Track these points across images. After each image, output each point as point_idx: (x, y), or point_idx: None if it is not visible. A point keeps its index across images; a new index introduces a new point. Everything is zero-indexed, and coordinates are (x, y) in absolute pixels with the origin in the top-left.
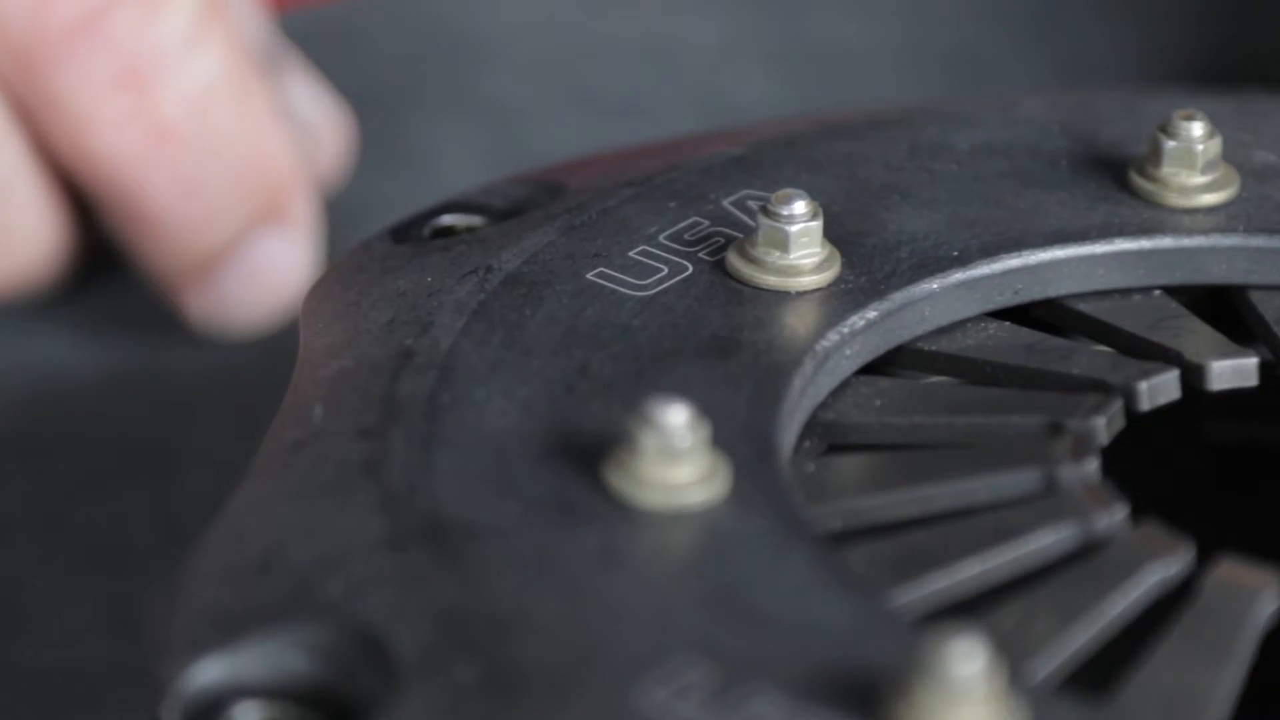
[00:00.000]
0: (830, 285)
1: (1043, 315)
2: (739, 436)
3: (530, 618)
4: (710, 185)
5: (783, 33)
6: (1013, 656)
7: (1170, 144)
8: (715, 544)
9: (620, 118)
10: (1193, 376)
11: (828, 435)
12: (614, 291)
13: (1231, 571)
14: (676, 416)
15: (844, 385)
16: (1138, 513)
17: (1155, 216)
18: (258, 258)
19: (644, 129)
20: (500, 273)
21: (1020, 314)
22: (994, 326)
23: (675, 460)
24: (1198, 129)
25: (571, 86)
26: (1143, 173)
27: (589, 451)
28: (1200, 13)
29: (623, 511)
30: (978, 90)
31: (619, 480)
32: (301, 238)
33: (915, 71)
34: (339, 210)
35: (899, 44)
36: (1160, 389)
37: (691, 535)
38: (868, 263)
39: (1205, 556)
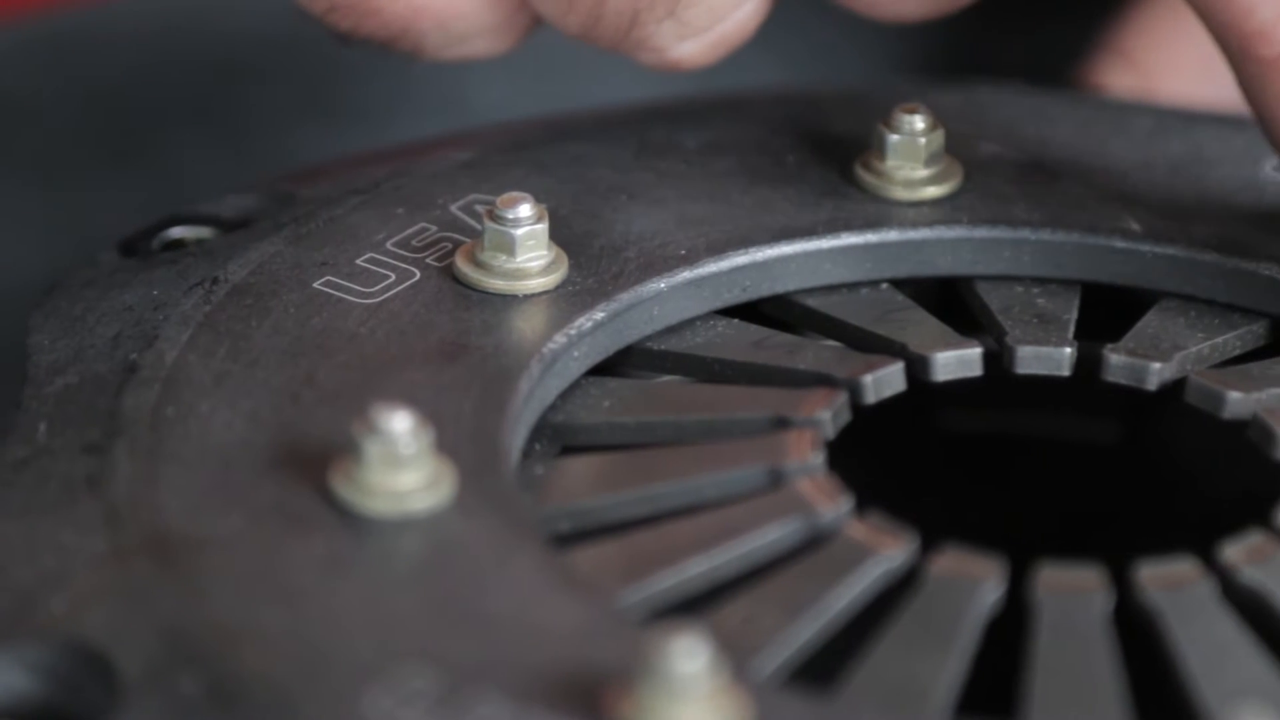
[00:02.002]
0: (558, 288)
1: (772, 311)
2: (465, 441)
3: (256, 629)
4: (438, 190)
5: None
6: (738, 652)
7: (894, 138)
8: (441, 550)
9: (360, 123)
10: (918, 368)
11: (558, 437)
12: (341, 300)
13: (954, 561)
14: (400, 423)
15: (573, 387)
16: (875, 505)
17: (881, 210)
18: None
19: (384, 134)
20: (226, 284)
21: (750, 310)
22: (723, 324)
23: (400, 467)
24: (921, 122)
25: (311, 94)
26: (868, 167)
27: (315, 461)
28: None
29: (348, 520)
30: (717, 88)
31: (344, 489)
32: None
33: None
34: (74, 221)
35: None
36: (885, 382)
37: (417, 542)
38: (595, 264)
39: (938, 546)
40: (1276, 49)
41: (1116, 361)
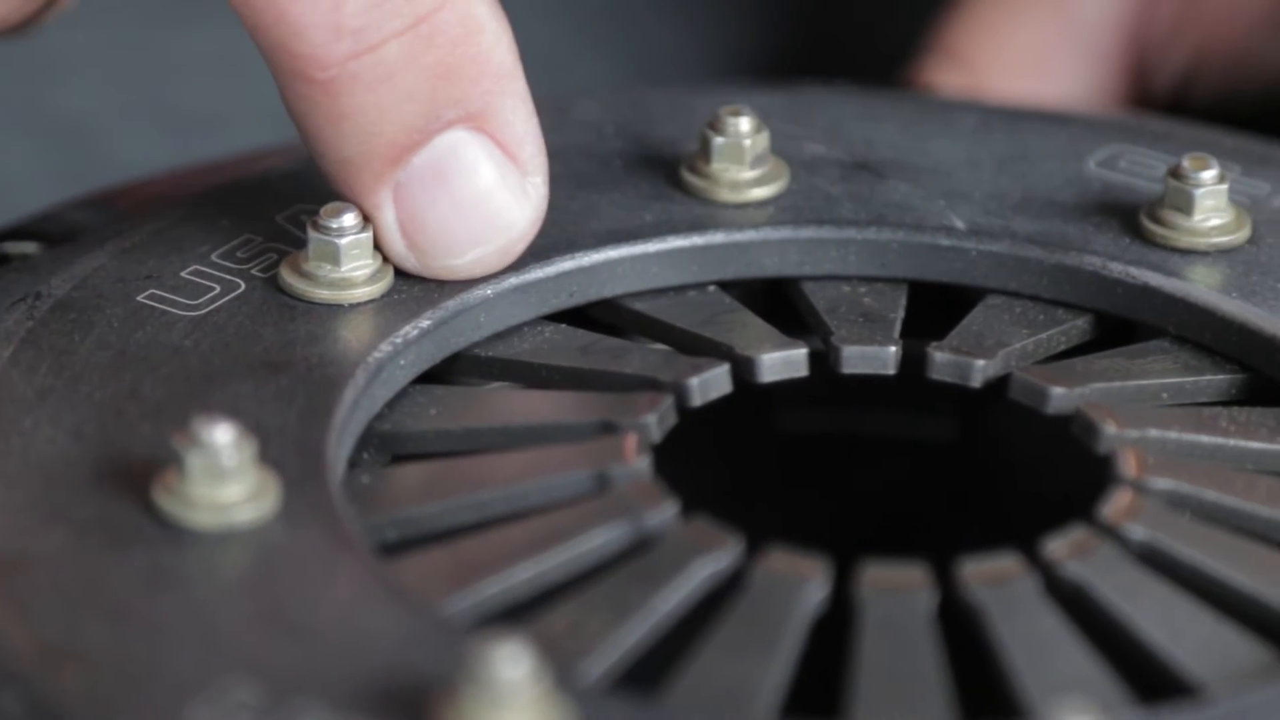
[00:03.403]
0: (383, 296)
1: (600, 316)
2: (290, 452)
3: (77, 646)
4: (264, 201)
5: None
6: (565, 657)
7: (719, 140)
8: (265, 562)
9: (196, 133)
10: (744, 370)
11: (385, 446)
12: (165, 313)
13: (780, 562)
14: (222, 436)
15: (400, 395)
16: (710, 507)
17: (707, 213)
18: (448, 157)
19: (220, 144)
20: (50, 299)
21: (578, 315)
22: (550, 329)
23: (222, 479)
24: (745, 124)
25: (146, 102)
26: (694, 170)
27: (139, 475)
28: (767, 9)
29: (172, 533)
30: (552, 89)
31: (167, 502)
32: (499, 150)
33: None
34: None
35: None
36: (712, 384)
37: (241, 554)
38: None
39: (767, 547)
40: (328, 72)
41: (941, 359)
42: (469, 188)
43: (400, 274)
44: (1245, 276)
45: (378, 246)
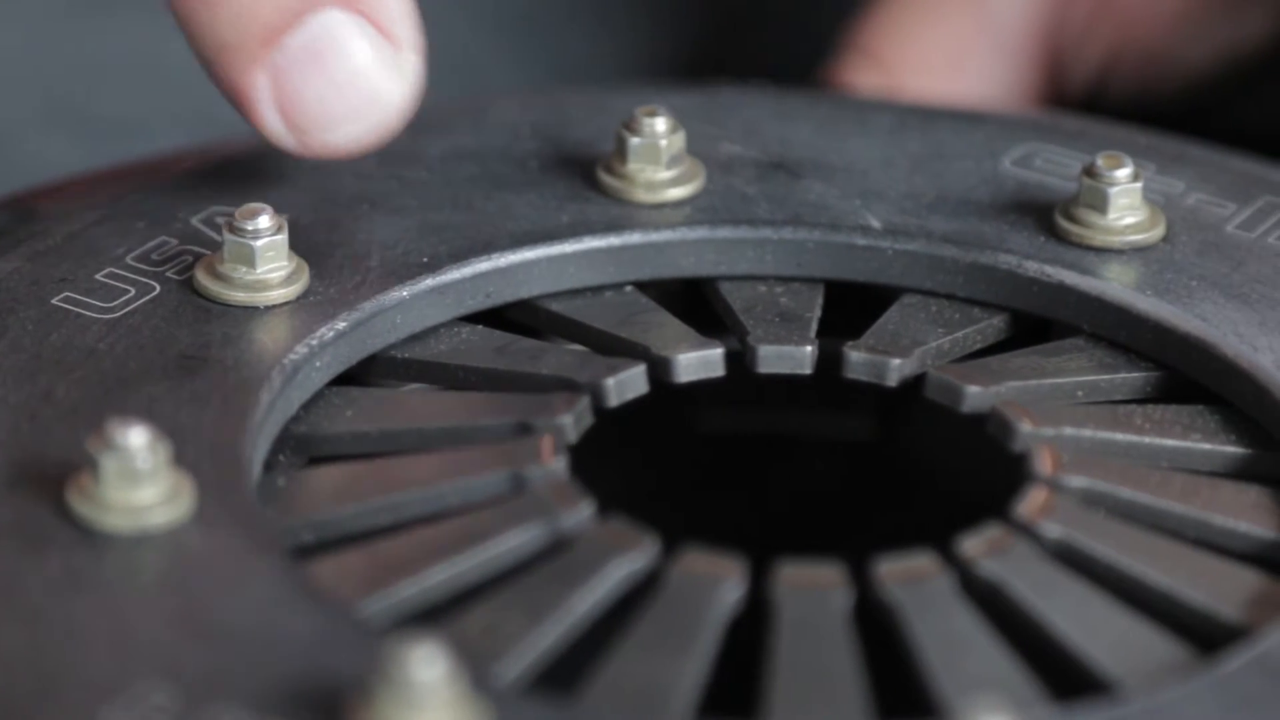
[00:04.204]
0: (299, 298)
1: (517, 317)
2: (205, 455)
3: None
4: (179, 204)
5: None
6: (481, 659)
7: (635, 140)
8: (180, 565)
9: (111, 136)
10: (660, 370)
11: (301, 448)
12: (80, 315)
13: (696, 562)
14: (136, 438)
15: (316, 397)
16: (631, 507)
17: (624, 213)
18: (322, 35)
19: (136, 147)
20: None
21: (496, 316)
22: (467, 330)
23: (137, 482)
24: (661, 124)
25: (61, 105)
26: (610, 170)
27: (53, 478)
28: (683, 11)
29: (87, 536)
30: (476, 93)
31: (82, 505)
32: (373, 27)
33: None
34: None
35: None
36: (628, 384)
37: (156, 557)
38: (337, 274)
39: (684, 548)
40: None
41: (856, 358)
42: (344, 65)
43: (315, 276)
44: (1160, 274)
45: (254, 124)
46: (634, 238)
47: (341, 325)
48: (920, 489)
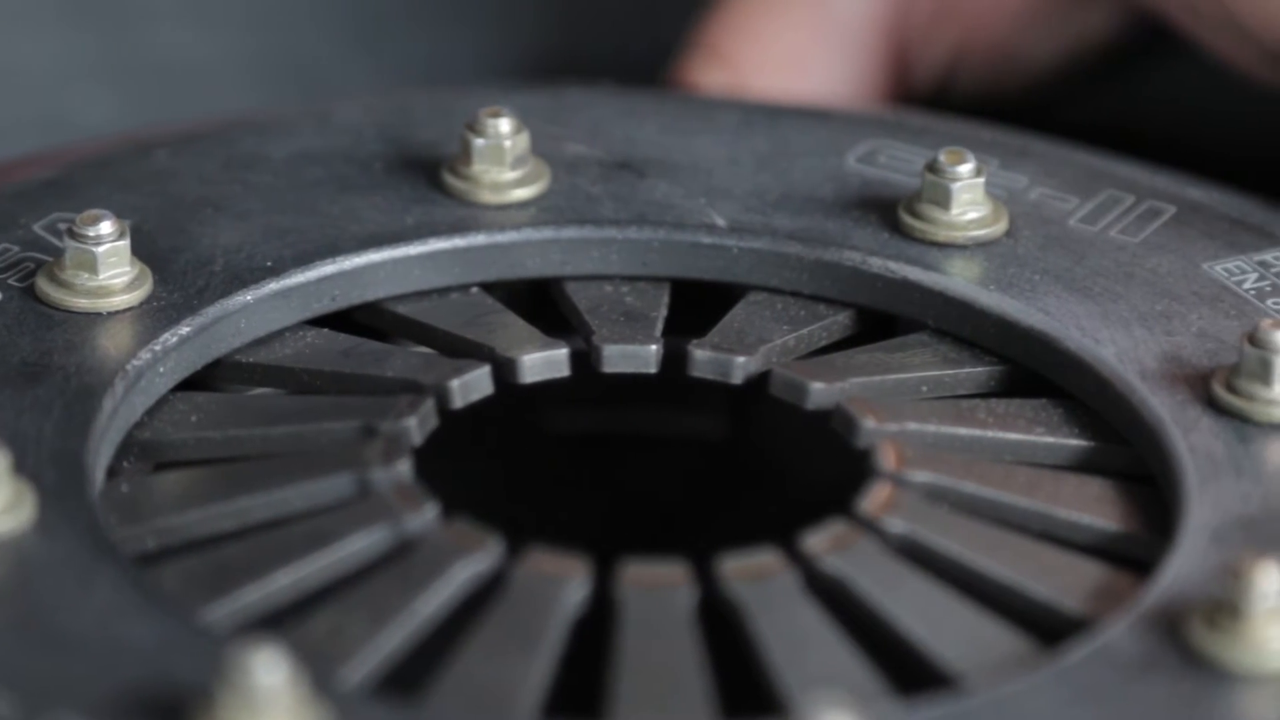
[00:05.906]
0: (142, 304)
1: (364, 319)
2: (46, 463)
3: None
4: (21, 210)
5: (123, 49)
6: (326, 662)
7: (479, 141)
8: (20, 572)
9: None
10: (506, 371)
11: (146, 454)
12: None
13: (541, 562)
14: None
15: (160, 403)
16: (479, 508)
17: (469, 214)
18: None
19: None
20: None
21: (343, 319)
22: (313, 334)
23: None
24: (505, 125)
25: None
26: (455, 172)
27: None
28: (529, 14)
29: None
30: (325, 96)
31: None
32: None
33: (265, 81)
34: None
35: (245, 53)
36: (472, 386)
37: None
38: (181, 279)
39: (528, 548)
40: None
41: (701, 356)
42: None
43: (159, 281)
44: (1003, 269)
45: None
46: (479, 239)
47: (185, 330)
48: (767, 486)
